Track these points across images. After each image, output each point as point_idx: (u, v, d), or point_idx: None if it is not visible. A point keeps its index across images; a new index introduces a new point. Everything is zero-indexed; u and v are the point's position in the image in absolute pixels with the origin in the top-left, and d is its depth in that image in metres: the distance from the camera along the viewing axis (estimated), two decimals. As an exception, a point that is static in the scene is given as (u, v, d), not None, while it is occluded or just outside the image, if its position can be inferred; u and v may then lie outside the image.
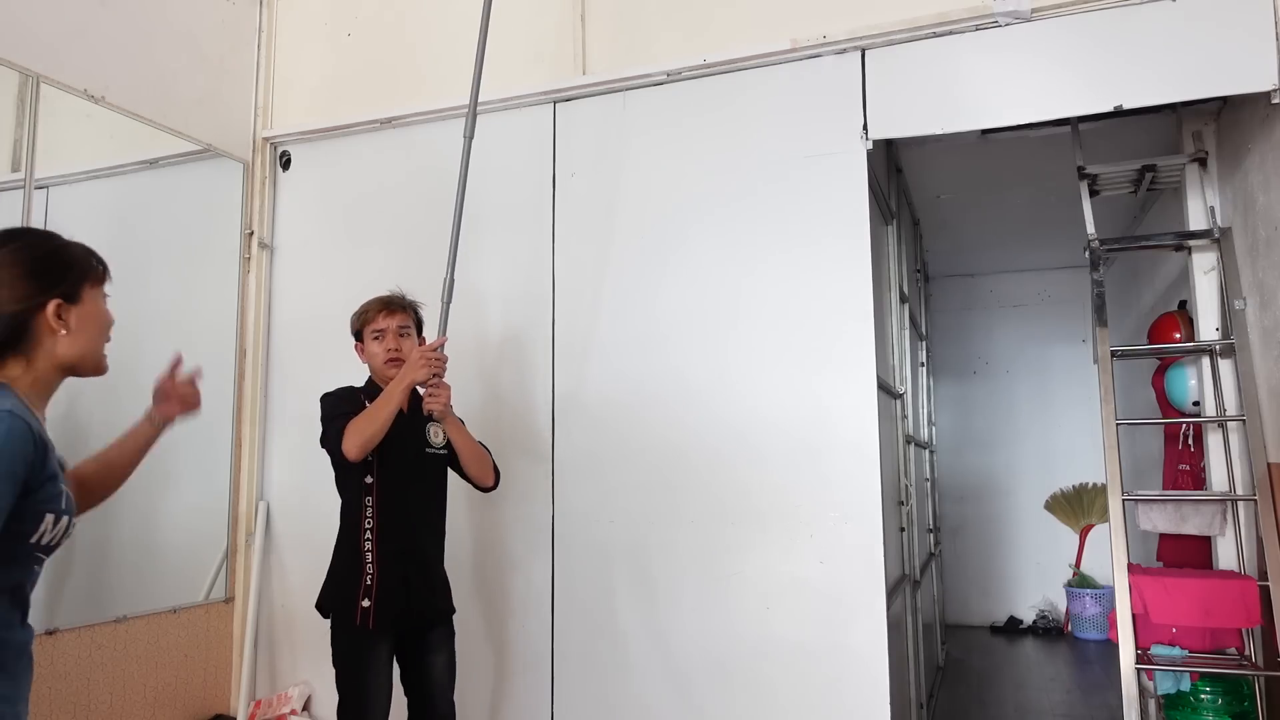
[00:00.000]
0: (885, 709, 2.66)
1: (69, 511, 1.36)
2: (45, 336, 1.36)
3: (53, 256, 1.39)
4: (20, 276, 1.34)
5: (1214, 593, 2.74)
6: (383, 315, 2.55)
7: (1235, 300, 2.95)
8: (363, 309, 2.59)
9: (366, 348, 2.57)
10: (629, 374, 3.09)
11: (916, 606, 3.80)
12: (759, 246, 2.97)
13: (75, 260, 1.42)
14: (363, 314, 2.58)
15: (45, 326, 1.35)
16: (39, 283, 1.35)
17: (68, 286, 1.38)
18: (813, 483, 2.82)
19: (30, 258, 1.36)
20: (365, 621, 2.36)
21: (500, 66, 3.15)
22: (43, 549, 1.33)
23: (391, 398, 2.36)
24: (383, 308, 2.56)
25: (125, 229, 3.31)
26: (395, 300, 2.59)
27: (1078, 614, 5.92)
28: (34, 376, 1.36)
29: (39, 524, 1.30)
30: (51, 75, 2.98)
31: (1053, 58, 2.74)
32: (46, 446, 1.32)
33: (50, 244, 1.41)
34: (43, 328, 1.35)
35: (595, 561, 3.08)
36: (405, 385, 2.39)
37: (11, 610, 1.33)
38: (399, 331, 2.54)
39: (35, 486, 1.29)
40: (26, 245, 1.38)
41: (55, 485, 1.34)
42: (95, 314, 1.43)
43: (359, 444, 2.31)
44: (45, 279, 1.36)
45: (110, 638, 3.07)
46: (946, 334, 6.62)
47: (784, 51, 2.98)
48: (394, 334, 2.53)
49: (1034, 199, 4.66)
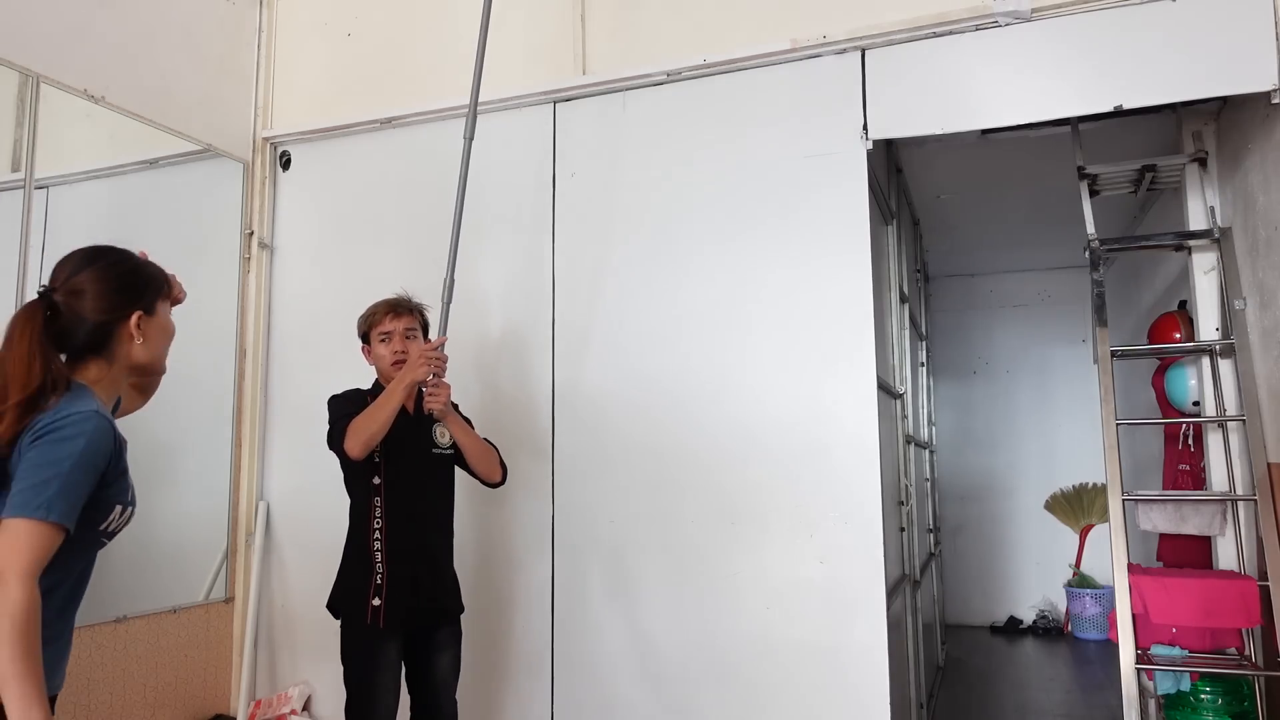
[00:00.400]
0: (885, 709, 2.66)
1: (133, 503, 1.55)
2: (124, 343, 1.55)
3: (135, 274, 1.58)
4: (108, 292, 1.52)
5: (1214, 593, 2.74)
6: (389, 318, 2.55)
7: (1235, 300, 2.95)
8: (369, 311, 2.60)
9: (373, 350, 2.58)
10: (629, 374, 3.09)
11: (916, 606, 3.80)
12: (758, 246, 2.97)
13: (153, 278, 1.61)
14: (369, 316, 2.59)
15: (126, 334, 1.54)
16: (124, 297, 1.54)
17: (147, 301, 1.58)
18: (813, 482, 2.82)
19: (117, 274, 1.55)
20: (376, 620, 2.37)
21: (500, 66, 3.15)
22: (107, 534, 1.52)
23: (391, 397, 2.37)
24: (389, 310, 2.57)
25: (125, 229, 3.31)
26: (402, 303, 2.60)
27: (1078, 614, 5.92)
28: (110, 377, 1.55)
29: (109, 513, 1.49)
30: (51, 75, 2.98)
31: (1053, 58, 2.74)
32: (122, 444, 1.50)
33: (132, 262, 1.60)
34: (123, 335, 1.54)
35: (595, 561, 3.08)
36: (405, 385, 2.39)
37: (76, 590, 1.51)
38: (405, 334, 2.55)
39: (111, 480, 1.46)
40: (113, 263, 1.56)
41: (126, 479, 1.52)
42: (165, 325, 1.64)
43: (360, 442, 2.33)
44: (130, 294, 1.55)
45: (110, 638, 3.07)
46: (946, 334, 6.62)
47: (784, 51, 2.98)
48: (400, 336, 2.54)
49: (1034, 199, 4.66)
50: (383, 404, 2.36)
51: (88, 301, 1.49)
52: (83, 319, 1.49)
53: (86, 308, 1.49)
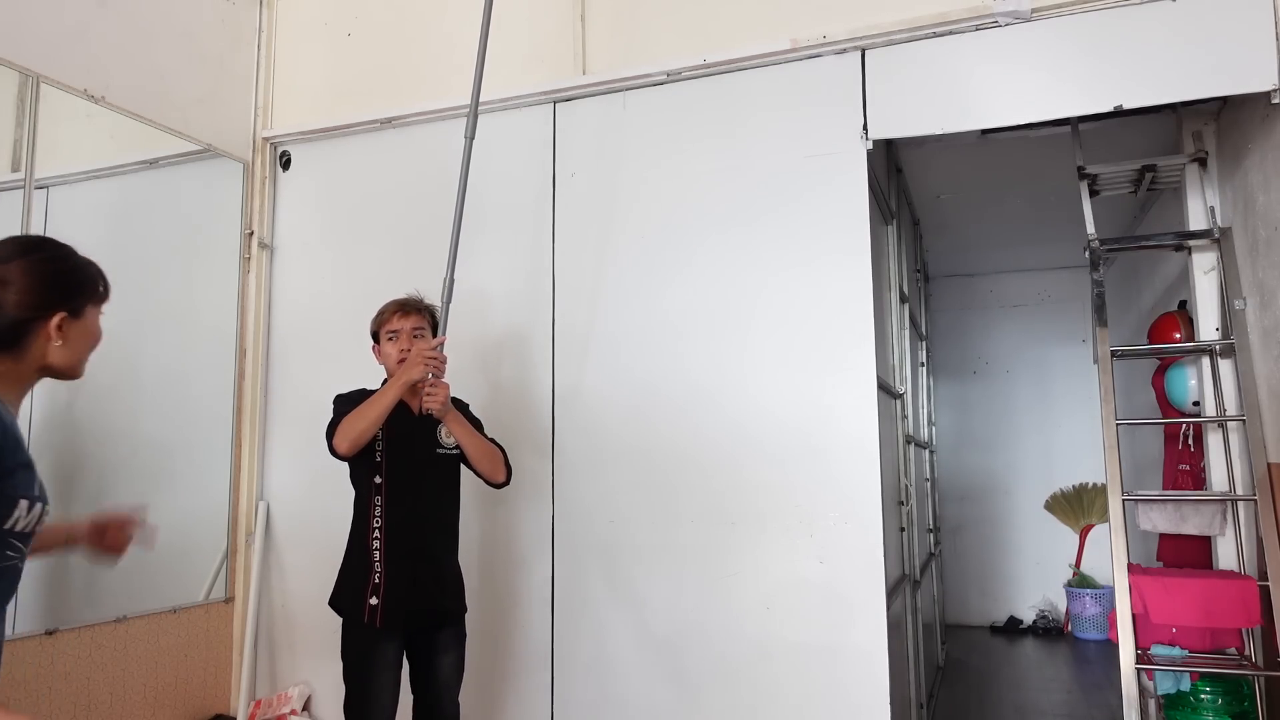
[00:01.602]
0: (885, 709, 2.66)
1: (43, 499, 1.41)
2: (40, 343, 1.43)
3: (71, 274, 1.48)
4: (36, 287, 1.41)
5: (1214, 593, 2.74)
6: (398, 317, 2.56)
7: (1235, 300, 2.95)
8: (380, 311, 2.61)
9: (381, 349, 2.58)
10: (629, 374, 3.09)
11: (916, 606, 3.80)
12: (759, 246, 2.97)
13: (88, 280, 1.50)
14: (380, 316, 2.60)
15: (44, 335, 1.43)
16: (51, 295, 1.43)
17: (76, 304, 1.46)
18: (813, 482, 2.82)
19: (51, 271, 1.45)
20: (373, 619, 2.37)
21: (500, 66, 3.15)
22: (17, 536, 1.37)
23: (384, 396, 2.37)
24: (398, 309, 2.58)
25: (125, 229, 3.31)
26: (411, 302, 2.60)
27: (1078, 614, 5.92)
28: (17, 374, 1.43)
29: (12, 509, 1.34)
30: (51, 75, 2.98)
31: (1053, 58, 2.74)
32: (18, 438, 1.38)
33: (70, 261, 1.49)
34: (40, 335, 1.42)
35: (595, 561, 3.08)
36: (401, 384, 2.39)
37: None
38: (413, 333, 2.55)
39: (5, 474, 1.34)
40: (49, 259, 1.46)
41: (29, 473, 1.39)
42: (91, 330, 1.51)
43: (348, 439, 2.34)
44: (59, 292, 1.44)
45: (110, 638, 3.07)
46: (946, 334, 6.62)
47: (784, 51, 2.98)
48: (408, 335, 2.54)
49: (1034, 199, 4.66)
50: (374, 403, 2.37)
51: (11, 294, 1.39)
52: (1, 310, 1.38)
53: (8, 300, 1.38)
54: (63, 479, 3.02)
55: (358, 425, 2.34)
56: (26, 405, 1.49)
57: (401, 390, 2.40)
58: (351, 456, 2.39)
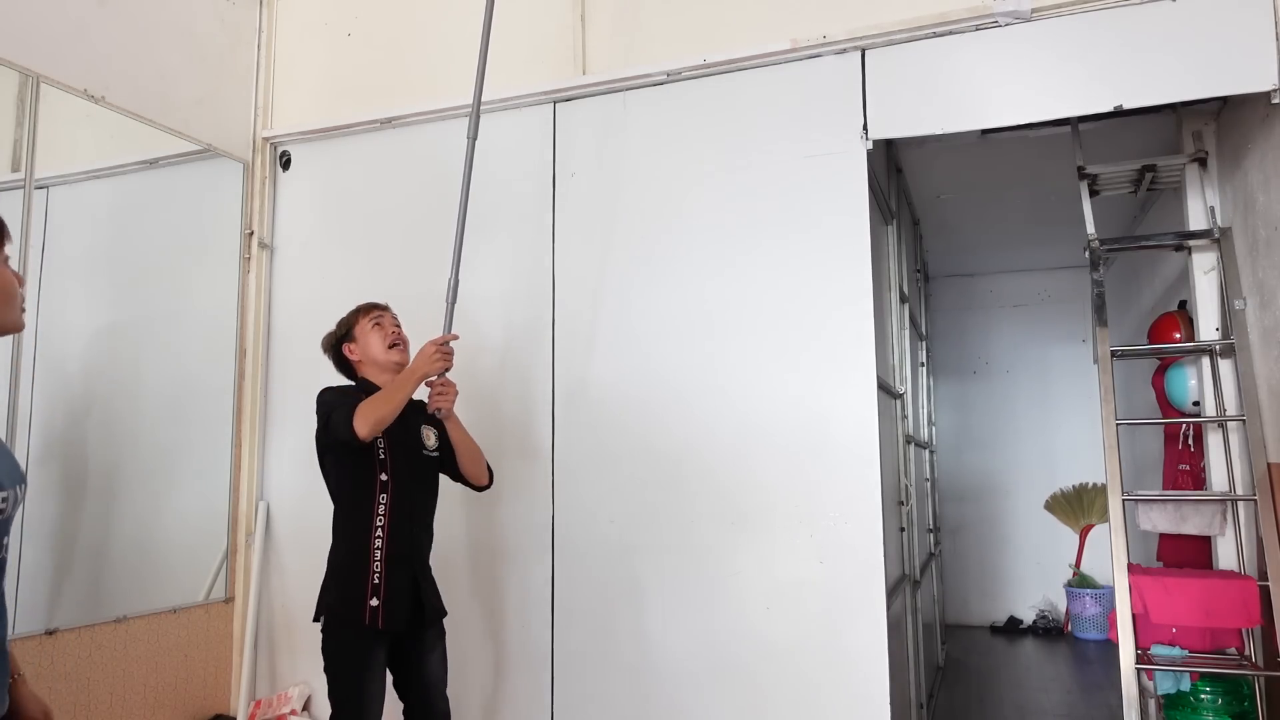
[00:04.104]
0: (885, 709, 2.66)
1: (18, 481, 1.32)
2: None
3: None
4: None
5: (1214, 593, 2.74)
6: (373, 311, 2.56)
7: (1235, 300, 2.95)
8: (345, 317, 2.58)
9: (361, 342, 2.52)
10: (629, 373, 3.09)
11: (916, 606, 3.80)
12: (759, 246, 2.97)
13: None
14: (348, 319, 2.57)
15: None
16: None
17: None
18: (813, 483, 2.82)
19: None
20: (374, 621, 2.32)
21: (500, 66, 3.15)
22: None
23: (407, 383, 2.35)
24: (371, 306, 2.58)
25: (125, 229, 3.32)
26: (379, 303, 2.61)
27: (1078, 614, 5.92)
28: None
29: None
30: (51, 75, 2.98)
31: (1053, 58, 2.74)
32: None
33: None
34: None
35: (595, 561, 3.07)
36: (419, 375, 2.38)
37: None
38: (395, 322, 2.56)
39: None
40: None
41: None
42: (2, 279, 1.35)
43: (372, 422, 2.23)
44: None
45: (110, 638, 3.07)
46: (946, 334, 6.62)
47: (784, 51, 2.98)
48: (391, 321, 2.55)
49: (1034, 199, 4.66)
50: (398, 389, 2.32)
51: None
52: None
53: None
54: (66, 480, 3.02)
55: (381, 410, 2.26)
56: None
57: (420, 382, 2.38)
58: (360, 447, 2.29)
